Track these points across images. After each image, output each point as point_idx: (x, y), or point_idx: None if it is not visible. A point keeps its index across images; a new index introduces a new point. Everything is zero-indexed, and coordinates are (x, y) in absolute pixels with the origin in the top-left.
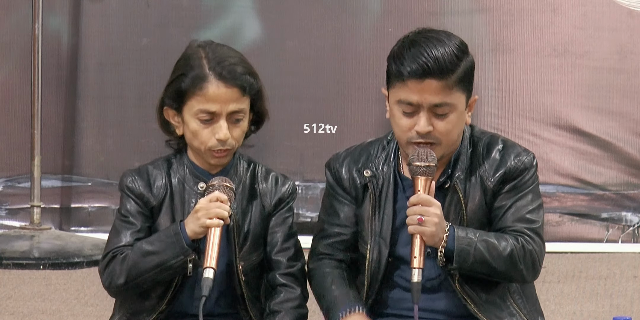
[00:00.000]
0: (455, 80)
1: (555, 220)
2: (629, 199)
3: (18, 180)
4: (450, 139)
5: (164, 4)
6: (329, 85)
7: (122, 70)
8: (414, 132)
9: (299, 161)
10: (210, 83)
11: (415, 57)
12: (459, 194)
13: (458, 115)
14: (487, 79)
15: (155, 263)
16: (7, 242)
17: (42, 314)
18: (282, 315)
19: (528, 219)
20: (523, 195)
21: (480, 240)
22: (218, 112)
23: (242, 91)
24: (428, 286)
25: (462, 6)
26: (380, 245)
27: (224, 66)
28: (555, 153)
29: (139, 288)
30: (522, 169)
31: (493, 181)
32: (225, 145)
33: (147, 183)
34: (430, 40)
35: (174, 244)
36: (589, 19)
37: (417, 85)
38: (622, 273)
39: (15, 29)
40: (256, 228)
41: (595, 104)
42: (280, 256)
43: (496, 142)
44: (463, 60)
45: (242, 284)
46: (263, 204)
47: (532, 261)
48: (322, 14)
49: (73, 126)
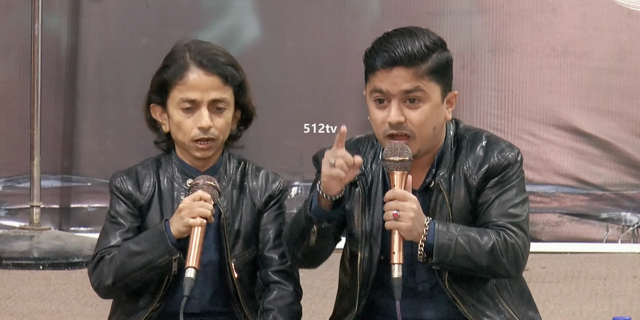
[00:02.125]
0: (426, 70)
1: (554, 220)
2: (629, 199)
3: (17, 180)
4: (424, 132)
5: (164, 4)
6: (329, 85)
7: (122, 70)
8: (387, 124)
9: (298, 161)
10: (190, 71)
11: (385, 48)
12: (443, 194)
13: (431, 107)
14: (486, 79)
15: (141, 263)
16: (7, 242)
17: (41, 314)
18: (276, 313)
19: (511, 213)
20: (507, 190)
21: (461, 234)
22: (199, 100)
23: (223, 80)
24: (419, 290)
25: (462, 7)
26: (372, 244)
27: (205, 55)
28: (555, 153)
29: (127, 288)
30: (505, 164)
31: (476, 178)
32: (208, 134)
33: (136, 183)
34: (402, 33)
35: (159, 243)
36: (589, 20)
37: (387, 73)
38: (621, 273)
39: (15, 29)
40: (247, 225)
41: (594, 104)
42: (272, 253)
43: (480, 138)
44: (435, 52)
45: (235, 281)
46: (253, 202)
47: (515, 255)
48: (321, 14)
49: (72, 126)
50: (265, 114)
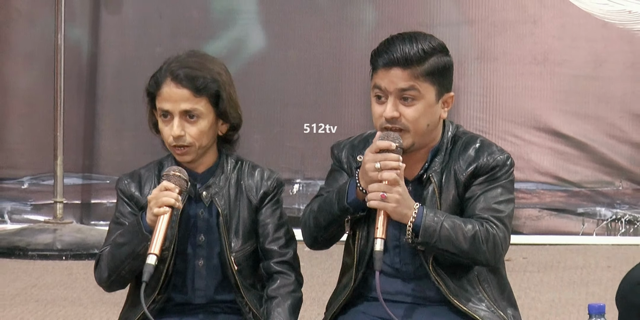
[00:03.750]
0: (422, 72)
1: (535, 215)
2: (603, 195)
3: (42, 178)
4: (418, 127)
5: (176, 16)
6: (328, 90)
7: (138, 77)
8: (383, 118)
9: (299, 161)
10: (165, 84)
11: (387, 49)
12: (434, 186)
13: (425, 105)
14: (472, 85)
15: (126, 253)
16: (32, 235)
17: (64, 300)
18: (279, 301)
19: (495, 208)
20: (493, 188)
21: (447, 220)
22: (171, 110)
23: (194, 92)
24: (404, 270)
25: (450, 18)
26: (369, 224)
27: (181, 68)
28: (535, 153)
29: (122, 279)
30: (493, 165)
31: (465, 175)
32: (180, 142)
33: (138, 185)
34: (404, 37)
35: (137, 232)
36: (567, 30)
37: (386, 72)
38: (596, 263)
39: (40, 40)
40: (245, 222)
41: (572, 108)
42: (272, 245)
43: (474, 141)
44: (433, 56)
45: (235, 273)
46: (249, 199)
47: (494, 244)
48: (321, 25)
49: (92, 129)
50: (269, 117)
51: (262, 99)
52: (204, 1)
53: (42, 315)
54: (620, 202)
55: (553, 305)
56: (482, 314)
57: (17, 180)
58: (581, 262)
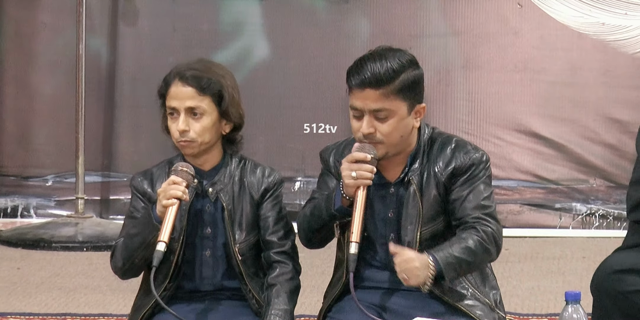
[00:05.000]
0: (393, 90)
1: (516, 209)
2: (578, 192)
3: (65, 176)
4: (392, 140)
5: (188, 28)
6: (326, 96)
7: (152, 84)
8: (361, 132)
9: (300, 160)
10: (174, 84)
11: (359, 70)
12: (414, 187)
13: (398, 120)
14: (459, 91)
15: (138, 242)
16: (56, 228)
17: (85, 288)
18: (279, 288)
19: (484, 205)
20: (476, 186)
21: (453, 248)
22: (177, 107)
23: (198, 90)
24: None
25: (438, 30)
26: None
27: (186, 70)
28: (517, 153)
29: (135, 267)
30: (469, 164)
31: (444, 175)
32: (185, 137)
33: (151, 182)
34: (374, 57)
35: (148, 223)
36: (545, 41)
37: (360, 93)
38: (572, 254)
39: (63, 50)
40: (248, 216)
41: (550, 112)
42: (272, 237)
43: (450, 141)
44: (403, 73)
45: (239, 263)
46: (251, 194)
47: (495, 241)
48: (320, 37)
49: (111, 131)
50: (271, 120)
51: (266, 103)
52: (213, 15)
53: (65, 302)
54: (594, 198)
55: (532, 293)
56: (467, 302)
57: (42, 178)
58: (558, 253)
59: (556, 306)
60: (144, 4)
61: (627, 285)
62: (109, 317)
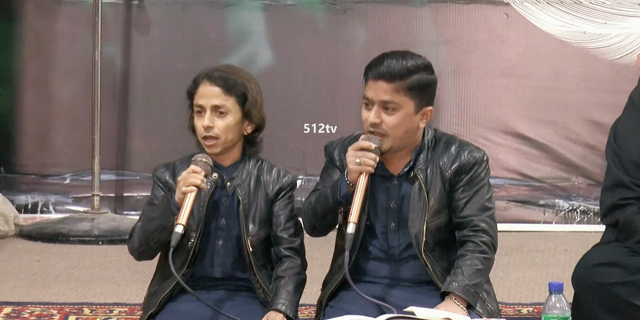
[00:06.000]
0: (404, 87)
1: (503, 206)
2: (561, 189)
3: (82, 174)
4: (396, 133)
5: (196, 36)
6: (326, 100)
7: (164, 88)
8: (368, 122)
9: (302, 159)
10: (202, 83)
11: (377, 64)
12: (420, 182)
13: (405, 115)
14: (449, 95)
15: (156, 226)
16: (73, 223)
17: (100, 279)
18: (286, 280)
19: (487, 207)
20: (480, 188)
21: (465, 277)
22: (204, 105)
23: (224, 90)
24: (391, 253)
25: (430, 38)
26: (360, 213)
27: (214, 71)
28: (503, 153)
29: (150, 249)
30: (473, 162)
31: (450, 172)
32: (210, 133)
33: (172, 173)
34: (395, 54)
35: (166, 208)
36: (530, 48)
37: (373, 84)
38: (555, 247)
39: (79, 57)
40: (262, 211)
41: (535, 115)
42: (283, 233)
43: (454, 141)
44: (416, 74)
45: (250, 254)
46: (266, 192)
47: (493, 247)
48: (321, 44)
49: (125, 132)
50: (274, 122)
51: (269, 106)
52: (220, 24)
53: (82, 292)
54: (575, 195)
55: (518, 283)
56: None
57: (60, 176)
58: (542, 247)
59: (540, 296)
60: (155, 14)
61: (607, 277)
62: (122, 306)
